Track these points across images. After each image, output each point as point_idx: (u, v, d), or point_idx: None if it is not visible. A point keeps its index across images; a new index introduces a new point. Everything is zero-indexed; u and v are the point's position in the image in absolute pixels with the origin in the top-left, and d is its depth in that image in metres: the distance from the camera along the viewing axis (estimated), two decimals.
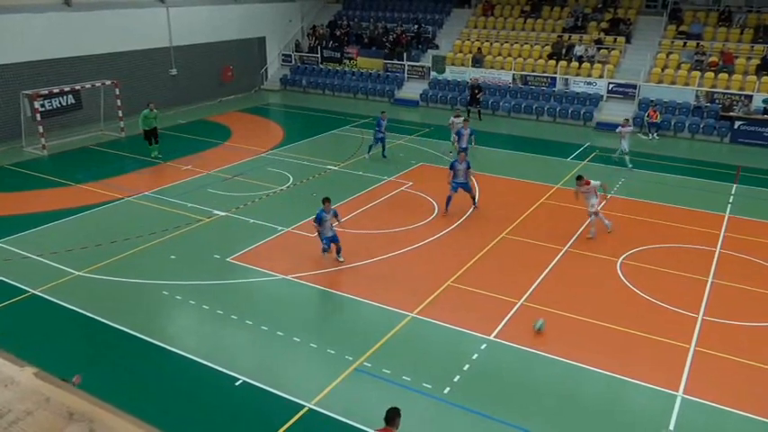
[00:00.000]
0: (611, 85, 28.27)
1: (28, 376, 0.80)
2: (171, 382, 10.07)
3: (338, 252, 14.22)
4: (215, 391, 9.82)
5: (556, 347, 10.94)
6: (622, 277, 13.65)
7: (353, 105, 31.56)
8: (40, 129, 22.28)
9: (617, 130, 21.93)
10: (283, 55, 36.71)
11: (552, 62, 30.13)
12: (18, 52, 23.44)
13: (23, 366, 0.82)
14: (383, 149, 22.01)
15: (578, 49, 30.17)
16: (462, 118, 22.33)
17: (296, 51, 36.55)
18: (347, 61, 34.81)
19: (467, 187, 17.06)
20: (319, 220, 13.77)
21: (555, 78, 29.45)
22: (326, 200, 13.92)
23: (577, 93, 28.86)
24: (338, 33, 36.06)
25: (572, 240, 15.43)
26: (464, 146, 20.48)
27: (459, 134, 20.82)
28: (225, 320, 11.83)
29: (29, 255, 14.43)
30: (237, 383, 9.94)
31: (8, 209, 17.44)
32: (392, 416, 7.45)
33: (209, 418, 9.24)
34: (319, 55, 35.57)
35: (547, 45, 31.28)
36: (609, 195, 17.62)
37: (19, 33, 23.40)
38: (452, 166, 16.88)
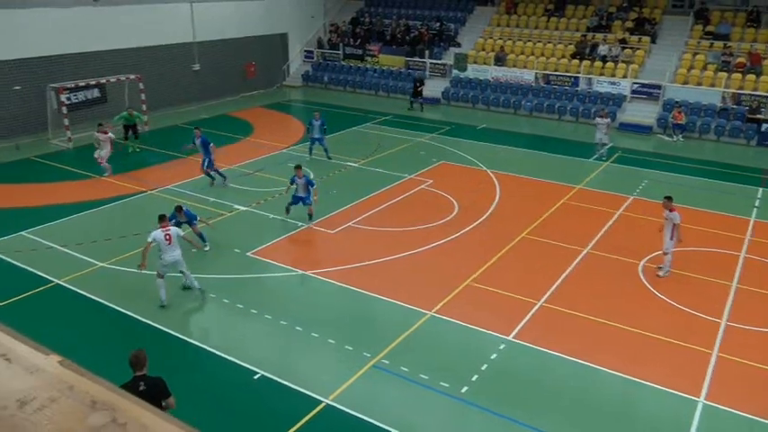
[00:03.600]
0: (635, 86, 27.93)
1: (53, 364, 0.79)
2: (190, 374, 10.16)
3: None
4: (233, 384, 9.90)
5: (575, 349, 10.85)
6: (644, 280, 13.49)
7: (375, 102, 31.58)
8: (66, 122, 22.60)
9: (594, 121, 22.41)
10: (305, 51, 36.82)
11: (575, 61, 29.85)
12: (46, 46, 23.79)
13: (48, 354, 0.81)
14: (326, 152, 21.28)
15: (602, 49, 29.85)
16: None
17: (318, 48, 36.64)
18: (369, 58, 34.82)
19: (306, 201, 16.10)
20: (291, 182, 15.90)
21: (578, 78, 29.18)
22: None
23: (600, 93, 28.56)
24: (360, 30, 36.08)
25: (593, 242, 15.28)
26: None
27: (291, 181, 16.59)
28: (245, 314, 11.91)
29: (53, 245, 14.65)
30: (256, 377, 10.00)
31: (34, 200, 17.73)
32: None
33: (227, 410, 9.31)
34: (341, 52, 35.63)
35: (570, 44, 30.99)
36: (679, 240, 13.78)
37: (47, 27, 23.75)
38: (292, 181, 16.02)
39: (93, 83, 23.87)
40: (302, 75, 35.86)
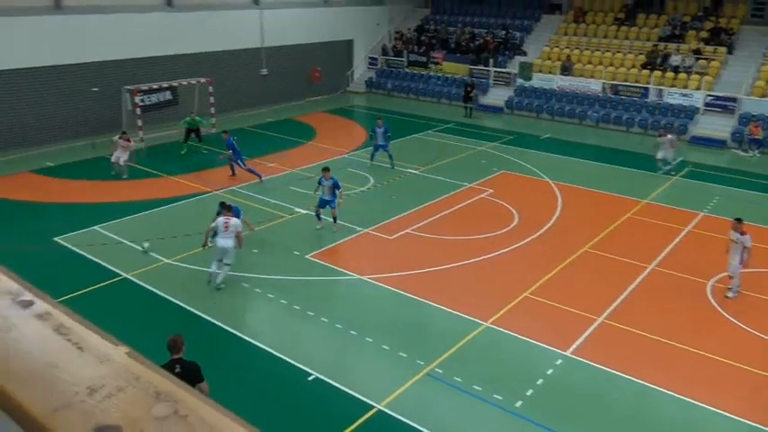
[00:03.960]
0: (708, 98, 26.88)
1: (121, 355, 0.83)
2: (245, 371, 10.38)
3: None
4: (287, 384, 10.05)
5: (635, 368, 10.49)
6: (712, 301, 12.93)
7: (437, 110, 31.53)
8: (139, 122, 23.53)
9: (658, 139, 21.45)
10: (370, 58, 37.16)
11: (646, 72, 28.98)
12: (122, 49, 24.91)
13: (117, 345, 0.85)
14: (390, 159, 21.23)
15: (675, 59, 28.87)
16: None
17: (382, 55, 36.91)
18: (433, 66, 34.82)
19: (332, 204, 15.96)
20: (318, 183, 15.98)
21: (648, 89, 28.31)
22: (325, 169, 16.05)
23: (672, 104, 27.61)
24: (425, 38, 36.15)
25: (659, 258, 14.76)
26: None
27: (319, 182, 16.53)
28: (301, 316, 12.08)
29: (123, 240, 15.27)
30: (310, 378, 10.12)
31: (107, 196, 18.53)
32: None
33: (280, 409, 9.46)
34: (405, 59, 35.77)
35: (641, 54, 30.12)
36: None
37: (123, 32, 24.86)
38: (320, 182, 16.06)
39: (166, 85, 24.78)
40: (366, 81, 36.19)
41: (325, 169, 16.10)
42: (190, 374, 7.46)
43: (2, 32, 21.66)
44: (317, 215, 16.03)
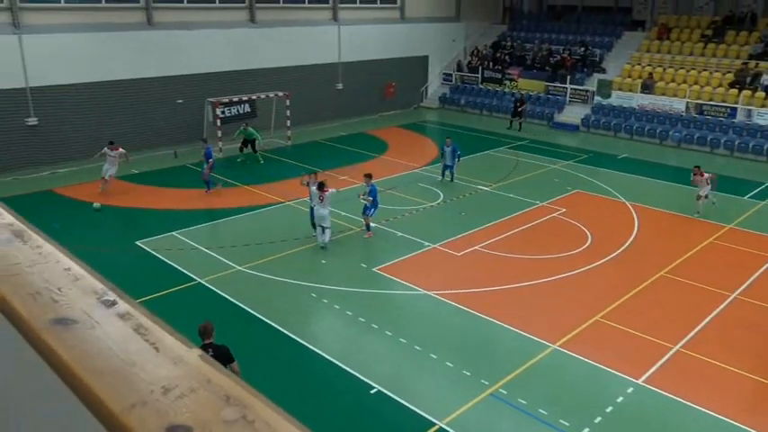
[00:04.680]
0: None
1: (194, 357, 0.86)
2: (309, 380, 10.50)
3: (367, 227, 16.40)
4: (350, 396, 10.10)
5: (713, 401, 9.94)
6: None
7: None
8: (219, 133, 24.42)
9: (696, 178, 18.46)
10: (444, 74, 37.20)
11: (734, 91, 27.65)
12: (207, 63, 25.98)
13: (191, 347, 0.89)
14: (451, 175, 21.49)
15: (766, 78, 27.42)
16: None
17: (457, 71, 36.88)
18: (508, 82, 34.49)
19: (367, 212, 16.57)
20: (374, 194, 16.30)
21: (736, 109, 26.99)
22: (368, 176, 16.58)
23: (761, 126, 26.20)
24: (501, 54, 35.88)
25: (743, 287, 13.97)
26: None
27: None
28: (366, 328, 12.14)
29: (198, 246, 15.83)
30: (372, 391, 10.13)
31: (185, 204, 19.29)
32: None
33: (342, 420, 9.51)
34: (480, 75, 35.59)
35: (729, 72, 28.79)
36: None
37: (208, 47, 25.93)
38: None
39: (246, 98, 25.63)
40: (439, 97, 36.22)
41: (368, 175, 16.64)
42: (221, 357, 8.00)
43: (102, 47, 23.03)
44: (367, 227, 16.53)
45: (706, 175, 18.42)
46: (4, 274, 1.12)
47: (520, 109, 30.30)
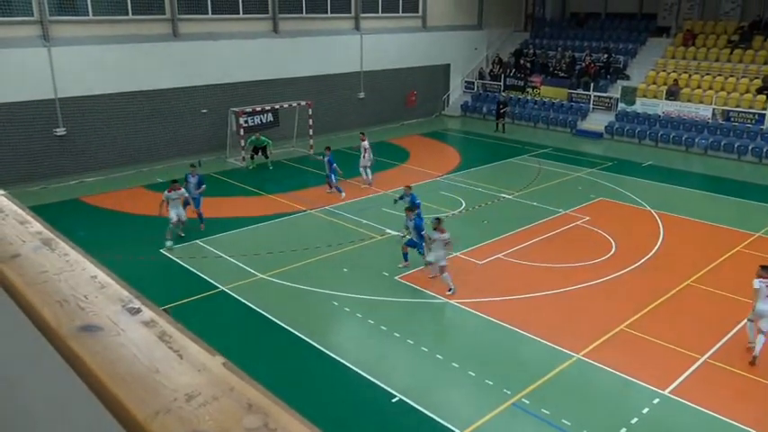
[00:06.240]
0: None
1: (217, 365, 0.87)
2: (330, 387, 10.50)
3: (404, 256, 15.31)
4: (371, 404, 10.07)
5: (743, 415, 9.72)
6: None
7: (533, 134, 30.99)
8: (242, 142, 24.64)
9: None
10: (466, 82, 37.15)
11: (762, 97, 27.17)
12: (230, 73, 26.26)
13: (215, 355, 0.89)
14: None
15: None
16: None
17: (479, 79, 36.80)
18: (530, 90, 34.33)
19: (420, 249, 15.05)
20: (416, 205, 15.63)
21: (764, 115, 26.53)
22: (438, 219, 14.33)
23: None
24: (523, 62, 35.74)
25: None
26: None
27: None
28: (388, 337, 12.11)
29: (222, 254, 15.96)
30: (394, 400, 10.10)
31: (209, 212, 19.44)
32: None
33: (362, 428, 9.49)
34: (502, 83, 35.48)
35: (757, 78, 28.32)
36: None
37: (232, 57, 26.23)
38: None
39: (269, 108, 25.85)
40: (461, 105, 36.16)
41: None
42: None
43: (128, 58, 23.42)
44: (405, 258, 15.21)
45: None
46: (33, 282, 1.14)
47: (502, 111, 31.38)
